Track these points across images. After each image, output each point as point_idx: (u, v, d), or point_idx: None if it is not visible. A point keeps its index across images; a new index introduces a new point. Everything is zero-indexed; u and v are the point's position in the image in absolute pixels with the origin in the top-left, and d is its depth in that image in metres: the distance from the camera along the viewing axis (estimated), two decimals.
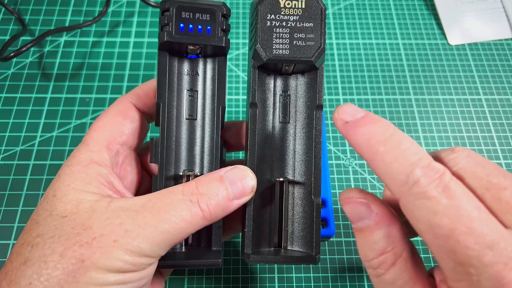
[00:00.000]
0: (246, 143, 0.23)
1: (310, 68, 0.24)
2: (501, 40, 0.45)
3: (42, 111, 0.39)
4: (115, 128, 0.23)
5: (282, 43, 0.23)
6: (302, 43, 0.23)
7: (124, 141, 0.24)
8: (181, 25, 0.22)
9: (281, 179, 0.24)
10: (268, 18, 0.23)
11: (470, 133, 0.40)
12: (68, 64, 0.41)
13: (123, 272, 0.18)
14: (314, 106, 0.24)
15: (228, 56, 0.43)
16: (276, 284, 0.31)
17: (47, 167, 0.36)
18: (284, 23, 0.23)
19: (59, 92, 0.40)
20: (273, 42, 0.23)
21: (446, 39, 0.45)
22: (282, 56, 0.23)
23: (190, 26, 0.23)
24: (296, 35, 0.23)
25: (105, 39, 0.43)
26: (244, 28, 0.45)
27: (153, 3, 0.42)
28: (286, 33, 0.23)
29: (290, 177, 0.25)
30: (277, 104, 0.25)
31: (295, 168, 0.25)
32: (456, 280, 0.16)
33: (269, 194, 0.25)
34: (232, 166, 0.22)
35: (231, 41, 0.44)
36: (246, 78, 0.42)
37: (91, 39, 0.43)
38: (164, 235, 0.19)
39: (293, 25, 0.23)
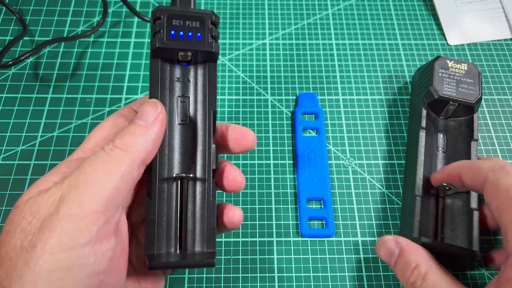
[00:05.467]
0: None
1: (468, 113, 0.35)
2: (500, 40, 0.46)
3: (43, 111, 0.39)
4: (116, 128, 0.24)
5: (449, 89, 0.34)
6: (464, 90, 0.34)
7: None
8: (172, 32, 0.23)
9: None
10: (439, 71, 0.34)
11: None
12: (69, 64, 0.42)
13: (75, 246, 0.18)
14: (470, 140, 0.33)
15: (228, 57, 0.43)
16: (276, 284, 0.32)
17: (48, 167, 0.36)
18: (451, 76, 0.34)
19: (60, 92, 0.40)
20: (443, 86, 0.34)
21: (445, 39, 0.45)
22: (449, 95, 0.33)
23: (181, 33, 0.23)
24: (460, 85, 0.34)
25: (105, 40, 0.43)
26: (243, 29, 0.45)
27: (148, 19, 0.43)
28: (452, 82, 0.34)
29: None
30: (440, 135, 0.35)
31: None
32: None
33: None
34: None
35: (231, 42, 0.44)
36: (246, 79, 0.42)
37: (91, 39, 0.43)
38: (98, 184, 0.19)
39: (458, 78, 0.34)
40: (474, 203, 0.31)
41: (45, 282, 0.17)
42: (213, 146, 0.24)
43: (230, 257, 0.32)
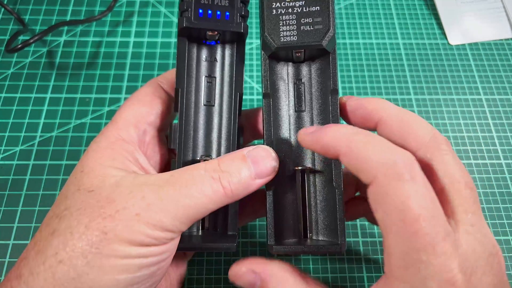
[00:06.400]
0: (263, 133, 0.24)
1: (322, 53, 0.24)
2: (501, 40, 0.45)
3: (42, 111, 0.39)
4: (143, 108, 0.24)
5: (290, 30, 0.23)
6: (309, 27, 0.23)
7: (151, 121, 0.24)
8: (200, 10, 0.22)
9: (301, 168, 0.24)
10: (273, 6, 0.23)
11: (470, 133, 0.40)
12: (68, 64, 0.41)
13: (145, 245, 0.19)
14: (329, 91, 0.24)
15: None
16: None
17: (47, 167, 0.36)
18: (290, 10, 0.23)
19: (59, 92, 0.40)
20: (280, 30, 0.23)
21: (446, 39, 0.45)
22: (290, 43, 0.23)
23: (209, 11, 0.23)
24: (303, 21, 0.23)
25: (104, 39, 0.43)
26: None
27: None
28: (292, 19, 0.23)
29: (309, 165, 0.24)
30: (291, 93, 0.25)
31: (314, 156, 0.24)
32: (403, 267, 0.17)
33: (289, 184, 0.24)
34: (255, 146, 0.22)
35: None
36: (245, 78, 0.42)
37: (90, 39, 0.43)
38: (186, 209, 0.19)
39: (299, 10, 0.23)
40: (335, 181, 0.23)
41: (111, 266, 0.18)
42: (237, 129, 0.24)
43: (230, 257, 0.32)
